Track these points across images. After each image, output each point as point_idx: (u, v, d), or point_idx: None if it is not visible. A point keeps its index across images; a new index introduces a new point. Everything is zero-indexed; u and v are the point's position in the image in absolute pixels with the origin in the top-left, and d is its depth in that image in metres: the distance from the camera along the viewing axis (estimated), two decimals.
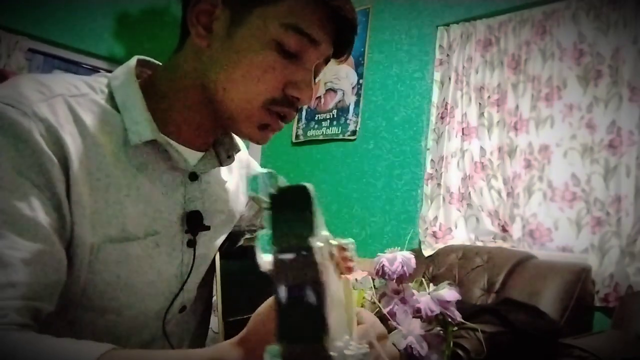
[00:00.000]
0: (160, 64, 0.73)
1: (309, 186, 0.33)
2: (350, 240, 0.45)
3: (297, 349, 0.29)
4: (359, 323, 0.58)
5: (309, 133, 3.69)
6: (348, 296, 0.54)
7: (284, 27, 0.62)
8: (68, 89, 0.62)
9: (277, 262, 0.31)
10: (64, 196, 0.57)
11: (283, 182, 0.36)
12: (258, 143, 0.69)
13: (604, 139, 2.40)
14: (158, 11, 3.78)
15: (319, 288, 0.30)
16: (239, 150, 0.78)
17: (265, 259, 0.33)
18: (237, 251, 0.77)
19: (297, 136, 3.77)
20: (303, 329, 0.30)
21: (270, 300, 0.47)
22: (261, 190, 0.38)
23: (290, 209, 0.33)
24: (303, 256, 0.31)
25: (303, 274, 0.30)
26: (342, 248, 0.45)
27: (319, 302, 0.30)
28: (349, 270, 0.52)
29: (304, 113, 3.74)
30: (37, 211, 0.54)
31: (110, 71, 0.71)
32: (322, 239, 0.37)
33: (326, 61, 0.69)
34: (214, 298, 0.80)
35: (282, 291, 0.30)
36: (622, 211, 2.29)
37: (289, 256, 0.31)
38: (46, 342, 0.49)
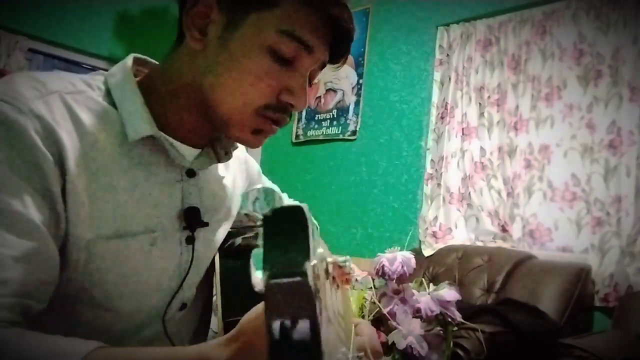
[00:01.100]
0: (157, 63, 0.73)
1: (305, 207, 0.31)
2: (347, 257, 0.45)
3: None
4: (356, 334, 0.58)
5: (309, 133, 3.69)
6: (347, 305, 0.53)
7: (279, 33, 0.62)
8: (64, 86, 0.62)
9: (269, 289, 0.29)
10: (58, 194, 0.57)
11: (281, 199, 0.34)
12: (251, 147, 0.69)
13: (604, 139, 2.40)
14: (158, 11, 3.78)
15: (313, 321, 0.28)
16: (236, 147, 0.78)
17: (259, 279, 0.31)
18: (236, 251, 0.77)
19: (297, 136, 3.76)
20: None
21: (261, 305, 0.46)
22: (257, 207, 0.36)
23: (284, 232, 0.31)
24: (296, 283, 0.29)
25: (296, 305, 0.28)
26: (338, 265, 0.44)
27: (313, 338, 0.28)
28: (347, 282, 0.52)
29: (304, 113, 3.73)
30: (30, 208, 0.54)
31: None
32: (318, 257, 0.36)
33: (321, 67, 0.69)
34: (215, 298, 0.80)
35: (274, 324, 0.28)
36: (622, 211, 2.29)
37: (281, 282, 0.29)
38: (34, 338, 0.49)
